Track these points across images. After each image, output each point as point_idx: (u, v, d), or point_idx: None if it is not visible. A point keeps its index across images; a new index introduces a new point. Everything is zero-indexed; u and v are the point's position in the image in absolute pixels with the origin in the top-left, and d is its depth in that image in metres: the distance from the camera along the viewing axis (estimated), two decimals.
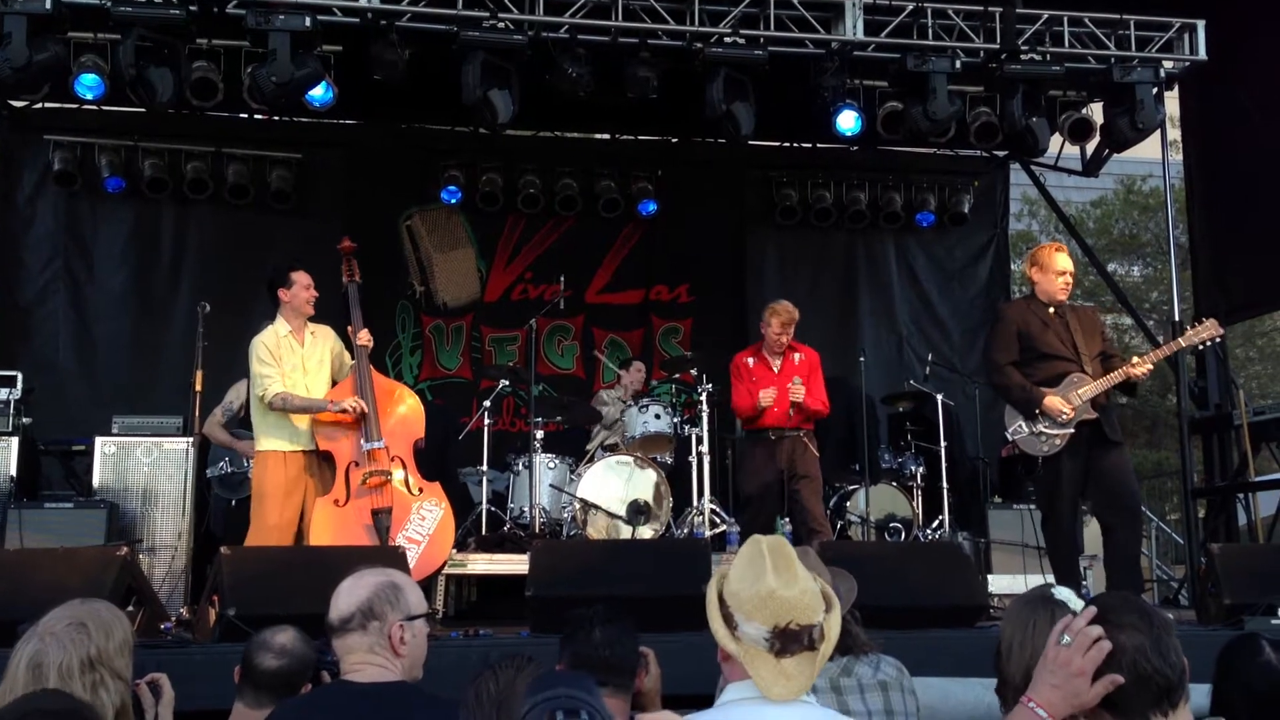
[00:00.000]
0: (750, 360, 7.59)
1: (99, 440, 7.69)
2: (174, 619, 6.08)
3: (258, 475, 6.41)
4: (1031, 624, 2.77)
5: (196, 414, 7.43)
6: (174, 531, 7.46)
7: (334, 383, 6.61)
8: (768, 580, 2.22)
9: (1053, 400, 6.19)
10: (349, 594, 2.90)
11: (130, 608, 5.29)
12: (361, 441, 6.42)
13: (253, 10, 7.29)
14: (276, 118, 10.07)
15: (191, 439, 7.51)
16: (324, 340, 6.65)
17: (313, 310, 6.58)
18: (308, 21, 7.29)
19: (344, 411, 6.40)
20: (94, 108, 9.21)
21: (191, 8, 7.37)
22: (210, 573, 5.54)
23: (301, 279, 6.54)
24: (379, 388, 6.65)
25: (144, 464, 7.66)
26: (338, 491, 6.34)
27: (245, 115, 9.94)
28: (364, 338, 6.66)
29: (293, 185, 10.10)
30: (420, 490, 6.57)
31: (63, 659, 2.60)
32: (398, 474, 6.49)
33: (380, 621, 2.85)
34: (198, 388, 7.24)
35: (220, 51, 8.11)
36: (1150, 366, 6.37)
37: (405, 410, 6.76)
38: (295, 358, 6.46)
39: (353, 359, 6.69)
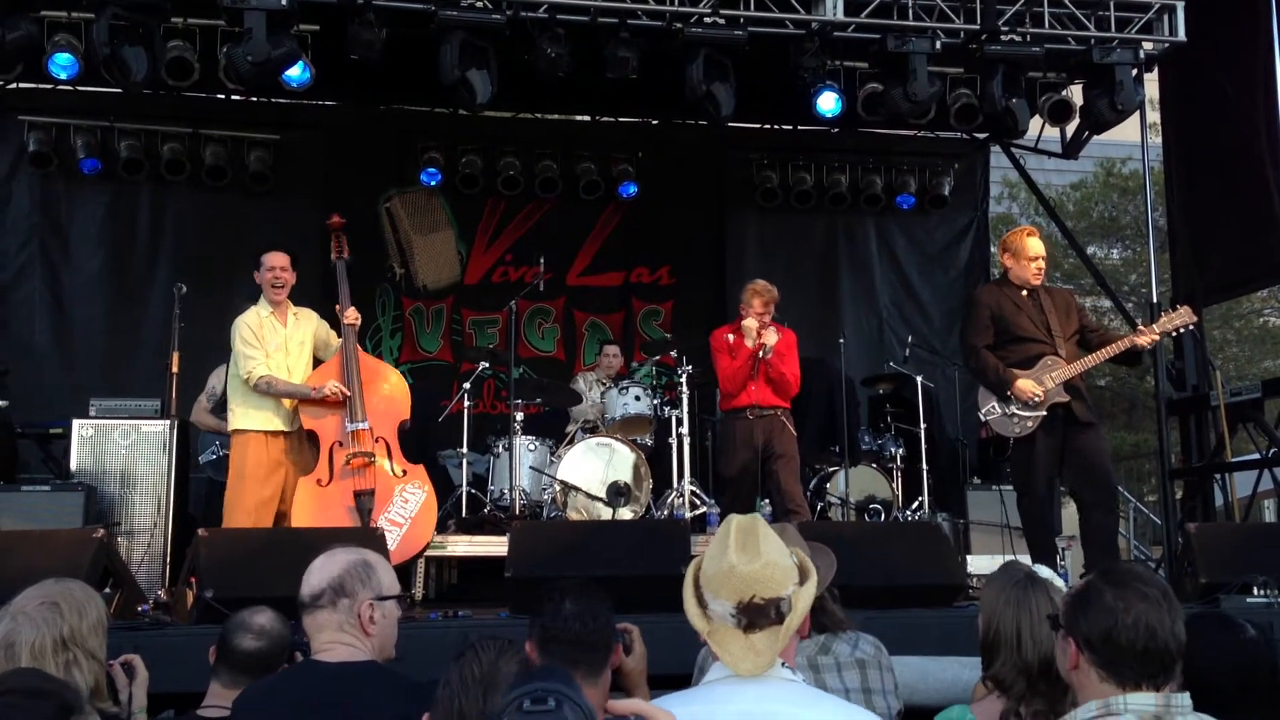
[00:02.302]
0: (730, 336, 7.57)
1: (76, 423, 7.62)
2: (152, 601, 6.05)
3: (237, 456, 6.35)
4: (1029, 608, 2.77)
5: (174, 396, 7.38)
6: (152, 514, 7.41)
7: (318, 364, 6.56)
8: (729, 556, 2.24)
9: (1024, 383, 6.22)
10: (321, 570, 2.88)
11: (107, 590, 5.28)
12: (346, 422, 6.39)
13: None
14: (254, 98, 9.99)
15: (169, 422, 7.45)
16: (307, 323, 6.60)
17: (279, 294, 6.48)
18: (284, 0, 7.22)
19: (325, 396, 6.37)
20: (69, 88, 9.16)
21: None
22: (188, 555, 5.52)
23: (267, 261, 6.46)
24: (365, 367, 6.60)
25: (122, 447, 7.59)
26: (321, 471, 6.32)
27: (222, 96, 9.84)
28: (351, 316, 6.61)
29: (270, 167, 10.05)
30: (404, 472, 6.53)
31: (35, 638, 2.59)
32: (381, 455, 6.44)
33: (350, 599, 2.84)
34: (175, 370, 7.19)
35: (196, 31, 8.06)
36: (1156, 336, 6.42)
37: (390, 390, 6.71)
38: (278, 338, 6.42)
39: (339, 339, 6.63)
